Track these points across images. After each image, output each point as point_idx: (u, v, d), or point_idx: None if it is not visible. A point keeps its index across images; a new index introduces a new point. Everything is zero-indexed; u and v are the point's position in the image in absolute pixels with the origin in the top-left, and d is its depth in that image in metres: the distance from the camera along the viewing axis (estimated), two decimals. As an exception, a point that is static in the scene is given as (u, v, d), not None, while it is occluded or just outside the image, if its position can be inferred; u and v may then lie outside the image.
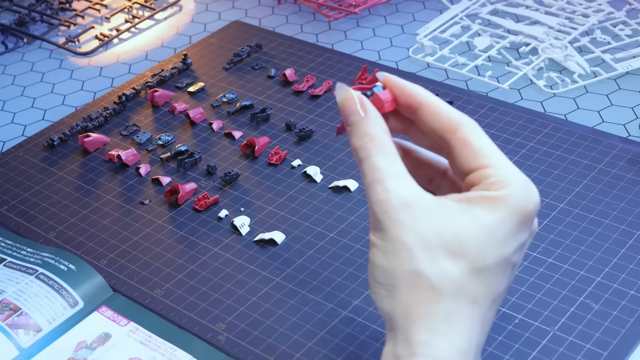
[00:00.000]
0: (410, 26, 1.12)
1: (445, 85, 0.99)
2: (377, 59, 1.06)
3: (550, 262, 0.75)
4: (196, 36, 1.16)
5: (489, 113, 0.93)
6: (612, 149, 0.87)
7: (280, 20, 1.17)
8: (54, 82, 1.10)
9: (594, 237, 0.77)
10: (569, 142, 0.88)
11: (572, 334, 0.69)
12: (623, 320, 0.70)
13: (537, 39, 1.04)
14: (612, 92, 0.96)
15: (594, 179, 0.84)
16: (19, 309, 0.74)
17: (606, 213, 0.80)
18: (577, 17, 1.08)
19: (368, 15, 1.15)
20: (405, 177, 0.57)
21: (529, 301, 0.72)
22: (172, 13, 1.22)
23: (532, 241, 0.75)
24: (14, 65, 1.14)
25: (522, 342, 0.68)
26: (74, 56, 1.15)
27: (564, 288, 0.73)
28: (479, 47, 1.04)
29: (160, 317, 0.74)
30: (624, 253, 0.76)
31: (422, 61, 1.04)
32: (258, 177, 0.89)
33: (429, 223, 0.55)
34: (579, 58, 1.01)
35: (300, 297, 0.75)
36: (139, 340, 0.72)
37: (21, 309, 0.74)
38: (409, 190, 0.57)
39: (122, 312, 0.75)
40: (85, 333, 0.73)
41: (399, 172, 0.57)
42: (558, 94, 0.97)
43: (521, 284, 0.73)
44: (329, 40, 1.11)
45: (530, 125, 0.91)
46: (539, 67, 1.01)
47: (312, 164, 0.89)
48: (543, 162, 0.86)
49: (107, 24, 1.20)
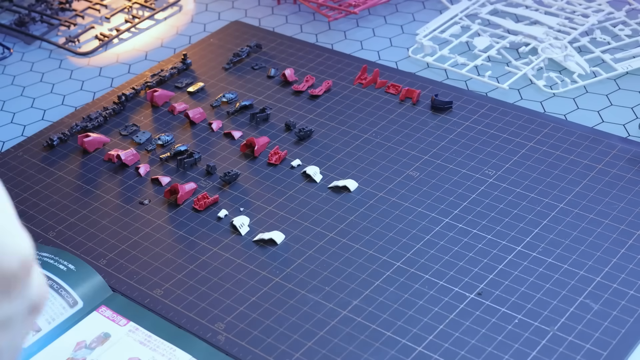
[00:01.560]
0: (410, 26, 1.12)
1: (444, 85, 0.99)
2: (377, 59, 1.06)
3: (550, 262, 0.75)
4: (196, 36, 1.16)
5: (489, 113, 0.93)
6: (612, 149, 0.87)
7: (280, 20, 1.17)
8: (54, 82, 1.09)
9: (593, 237, 0.77)
10: (569, 142, 0.88)
11: (572, 334, 0.69)
12: (623, 320, 0.69)
13: (537, 39, 1.04)
14: (612, 92, 0.96)
15: (594, 179, 0.83)
16: None
17: (606, 213, 0.80)
18: (576, 17, 1.08)
19: (368, 15, 1.15)
20: None
21: (528, 301, 0.72)
22: (172, 13, 1.22)
23: (531, 241, 0.77)
24: (14, 66, 1.14)
25: (522, 342, 0.68)
26: (73, 56, 1.14)
27: (563, 288, 0.73)
28: (479, 47, 1.04)
29: (160, 317, 0.74)
30: (623, 253, 0.75)
31: (421, 61, 1.04)
32: (257, 177, 0.88)
33: None
34: (578, 58, 1.00)
35: (300, 296, 0.75)
36: (138, 340, 0.72)
37: None
38: None
39: (121, 312, 0.75)
40: (85, 333, 0.73)
41: None
42: (558, 94, 0.97)
43: (520, 284, 0.73)
44: (329, 40, 1.11)
45: (530, 125, 0.91)
46: (539, 67, 1.00)
47: (312, 164, 0.89)
48: (543, 162, 0.86)
49: (107, 24, 1.20)
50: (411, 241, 0.79)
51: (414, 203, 0.83)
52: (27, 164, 0.94)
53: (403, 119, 0.94)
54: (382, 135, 0.92)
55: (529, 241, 0.77)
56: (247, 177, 0.89)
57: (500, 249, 0.77)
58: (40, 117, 1.03)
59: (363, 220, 0.82)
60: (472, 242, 0.78)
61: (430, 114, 0.94)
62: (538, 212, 0.80)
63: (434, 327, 0.71)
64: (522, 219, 0.80)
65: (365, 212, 0.83)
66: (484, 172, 0.86)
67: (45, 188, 0.90)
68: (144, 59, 1.12)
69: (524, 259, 0.76)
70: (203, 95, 1.02)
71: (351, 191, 0.85)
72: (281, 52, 1.08)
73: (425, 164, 0.88)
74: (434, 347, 0.69)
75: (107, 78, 1.09)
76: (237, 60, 1.06)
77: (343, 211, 0.83)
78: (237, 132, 0.94)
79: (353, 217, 0.82)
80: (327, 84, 0.99)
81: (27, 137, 0.98)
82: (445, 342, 0.69)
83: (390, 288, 0.74)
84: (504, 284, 0.73)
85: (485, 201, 0.82)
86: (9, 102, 1.07)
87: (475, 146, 0.89)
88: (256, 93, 1.01)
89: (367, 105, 0.97)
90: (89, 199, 0.88)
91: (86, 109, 1.02)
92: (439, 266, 0.76)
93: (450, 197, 0.83)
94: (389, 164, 0.88)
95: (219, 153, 0.92)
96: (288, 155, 0.91)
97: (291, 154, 0.91)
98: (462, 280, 0.74)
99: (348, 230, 0.81)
